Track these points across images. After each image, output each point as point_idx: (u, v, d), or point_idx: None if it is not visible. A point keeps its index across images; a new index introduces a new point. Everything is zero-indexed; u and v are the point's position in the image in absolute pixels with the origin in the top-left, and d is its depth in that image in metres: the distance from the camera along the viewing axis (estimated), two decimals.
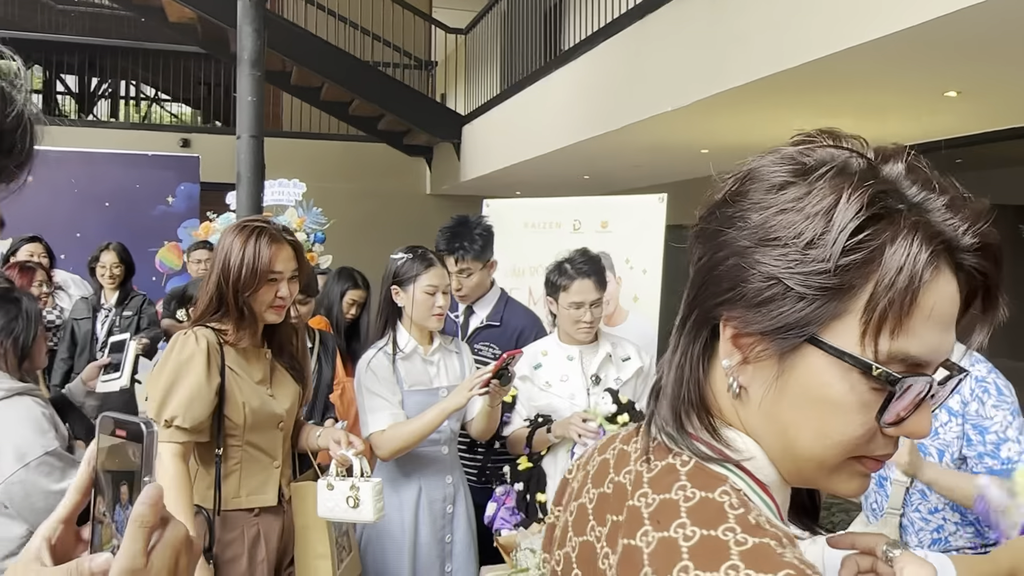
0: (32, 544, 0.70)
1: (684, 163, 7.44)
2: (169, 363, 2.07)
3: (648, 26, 5.40)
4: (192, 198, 7.28)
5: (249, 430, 2.14)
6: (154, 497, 0.65)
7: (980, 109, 4.89)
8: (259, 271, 2.09)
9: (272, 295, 2.13)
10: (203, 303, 2.14)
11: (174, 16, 8.37)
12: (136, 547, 0.64)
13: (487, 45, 9.59)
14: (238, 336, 2.14)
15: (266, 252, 2.11)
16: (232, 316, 2.12)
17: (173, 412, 2.02)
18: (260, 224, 2.16)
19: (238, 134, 4.51)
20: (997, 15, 3.09)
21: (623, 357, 2.83)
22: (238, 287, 2.09)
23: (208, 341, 2.09)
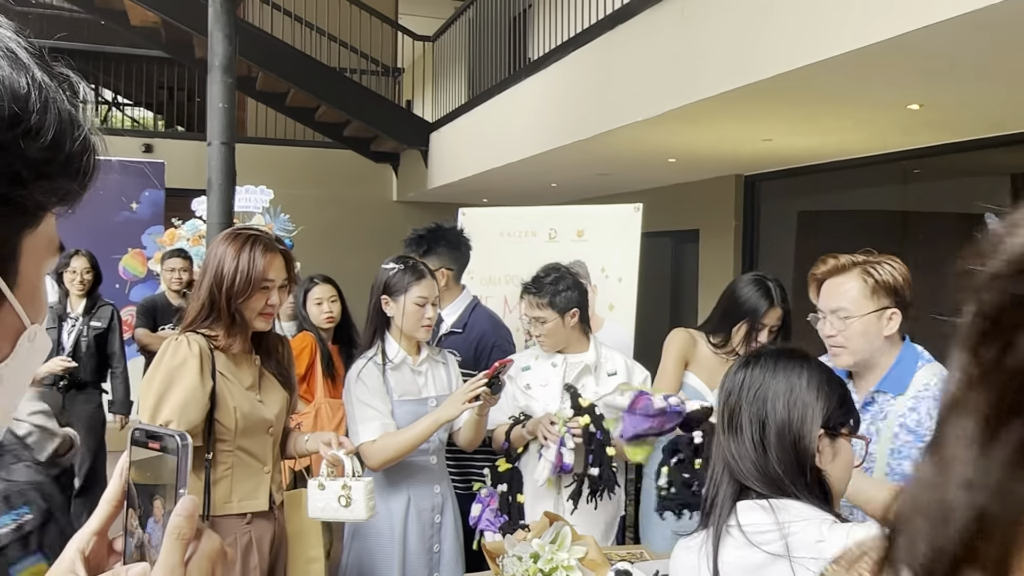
0: (66, 555, 0.70)
1: (652, 172, 7.52)
2: (161, 368, 2.09)
3: (617, 37, 5.46)
4: (157, 204, 7.18)
5: (240, 435, 2.17)
6: (190, 509, 0.66)
7: (941, 122, 5.02)
8: (253, 279, 2.13)
9: (263, 303, 2.17)
10: (194, 309, 2.18)
11: (137, 20, 8.26)
12: (174, 559, 0.65)
13: (454, 52, 9.60)
14: (228, 342, 2.17)
15: (260, 261, 2.14)
16: (223, 322, 2.15)
17: (168, 416, 2.04)
18: (254, 233, 2.21)
19: (209, 140, 4.48)
20: (957, 33, 3.19)
21: (610, 371, 2.85)
22: (231, 294, 2.13)
23: (200, 346, 2.11)
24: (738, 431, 1.43)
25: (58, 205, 0.57)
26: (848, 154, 6.31)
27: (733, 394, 1.47)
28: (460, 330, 3.11)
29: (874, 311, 2.06)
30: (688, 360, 3.01)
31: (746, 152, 6.35)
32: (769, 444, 1.41)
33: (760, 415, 1.42)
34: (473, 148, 8.18)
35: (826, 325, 2.09)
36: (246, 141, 9.57)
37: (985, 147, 5.37)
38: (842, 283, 2.09)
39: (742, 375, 1.48)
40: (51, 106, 0.54)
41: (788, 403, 1.42)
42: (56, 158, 0.54)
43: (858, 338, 2.06)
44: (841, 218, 7.21)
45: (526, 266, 3.76)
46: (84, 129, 0.56)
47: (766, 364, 1.47)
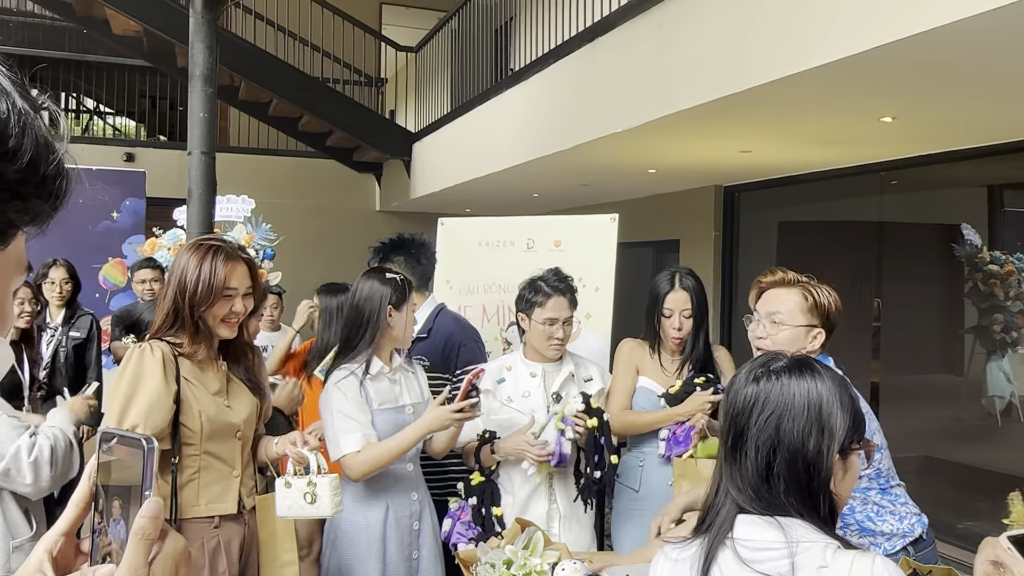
0: (34, 556, 0.72)
1: (632, 182, 7.57)
2: (126, 374, 2.13)
3: (598, 49, 5.50)
4: (137, 214, 7.16)
5: (207, 439, 2.20)
6: (155, 511, 0.67)
7: (914, 134, 5.09)
8: (215, 287, 2.17)
9: (226, 310, 2.22)
10: (159, 318, 2.23)
11: (119, 28, 8.25)
12: (138, 559, 0.66)
13: (437, 63, 9.64)
14: (192, 348, 2.22)
15: (221, 270, 2.19)
16: (187, 330, 2.21)
17: (134, 420, 2.08)
18: (216, 243, 2.26)
19: (189, 150, 4.48)
20: (929, 46, 3.25)
21: (585, 378, 2.91)
22: (194, 302, 2.17)
23: (163, 352, 2.16)
24: (743, 456, 1.32)
25: (29, 225, 0.60)
26: (826, 165, 6.39)
27: (740, 416, 1.34)
28: (425, 335, 3.15)
29: (804, 326, 2.29)
30: (639, 366, 3.09)
31: (725, 163, 6.41)
32: (779, 472, 1.30)
33: (771, 442, 1.31)
34: (456, 158, 8.21)
35: (758, 327, 2.31)
36: (228, 151, 9.56)
37: (961, 159, 5.44)
38: (783, 294, 2.32)
39: (749, 393, 1.35)
40: (28, 131, 0.56)
41: (804, 432, 1.30)
42: (31, 180, 0.57)
43: (784, 345, 2.24)
44: (820, 228, 7.29)
45: (504, 275, 3.80)
46: (59, 154, 0.59)
47: (776, 383, 1.34)
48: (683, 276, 3.09)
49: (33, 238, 0.62)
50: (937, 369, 6.10)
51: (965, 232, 5.70)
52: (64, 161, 0.60)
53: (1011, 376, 5.52)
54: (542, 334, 2.81)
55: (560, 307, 2.81)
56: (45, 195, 0.59)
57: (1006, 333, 5.53)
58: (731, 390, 1.39)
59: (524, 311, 2.87)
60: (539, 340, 2.83)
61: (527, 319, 2.85)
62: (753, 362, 1.42)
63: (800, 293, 2.30)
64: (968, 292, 5.69)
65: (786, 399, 1.32)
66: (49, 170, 0.58)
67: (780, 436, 1.30)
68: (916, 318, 6.28)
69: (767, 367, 1.38)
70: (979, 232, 5.65)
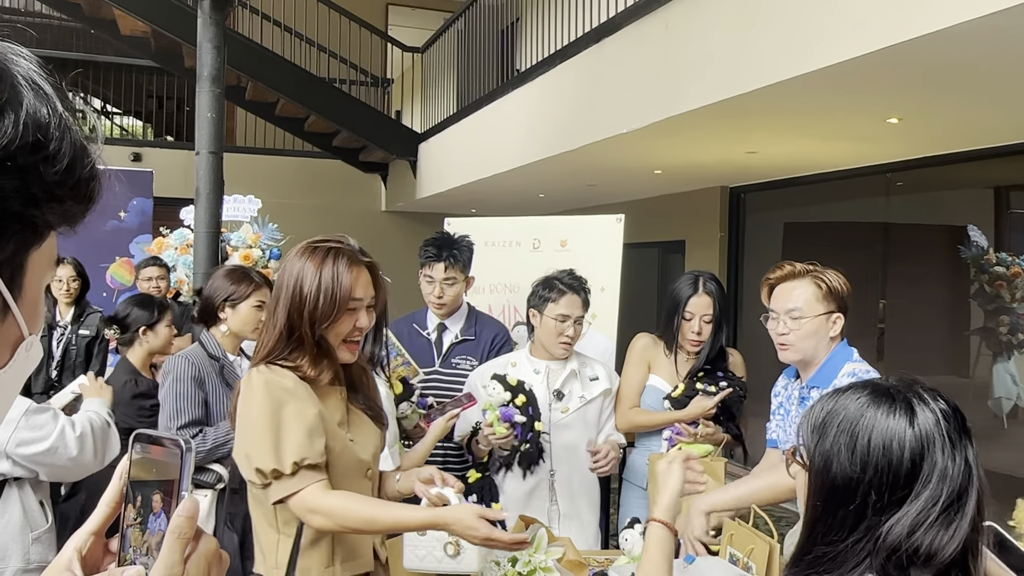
0: (63, 555, 0.73)
1: (638, 183, 7.58)
2: (259, 404, 1.76)
3: (604, 50, 5.51)
4: (145, 213, 7.18)
5: (335, 481, 1.80)
6: (191, 510, 0.69)
7: (920, 135, 5.09)
8: (339, 299, 1.79)
9: (350, 327, 1.84)
10: (271, 338, 1.83)
11: (126, 29, 8.28)
12: (174, 557, 0.67)
13: (443, 64, 9.66)
14: (315, 372, 1.83)
15: (346, 277, 1.81)
16: (307, 351, 1.82)
17: (297, 454, 1.73)
18: (334, 244, 1.86)
19: (197, 150, 4.50)
20: (934, 48, 3.25)
21: (591, 376, 2.92)
22: (314, 318, 1.79)
23: (292, 376, 1.81)
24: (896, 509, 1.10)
25: (63, 224, 0.62)
26: (832, 166, 6.38)
27: (888, 465, 1.11)
28: (472, 337, 3.16)
29: (823, 313, 2.30)
30: (650, 363, 3.11)
31: (731, 164, 6.42)
32: None
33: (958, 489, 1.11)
34: (461, 159, 8.22)
35: (779, 324, 2.32)
36: (235, 150, 9.58)
37: (967, 160, 5.43)
38: (796, 287, 2.32)
39: (897, 440, 1.12)
40: (68, 135, 0.58)
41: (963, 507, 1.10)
42: (68, 182, 0.59)
43: (808, 337, 2.29)
44: (826, 230, 7.29)
45: (510, 275, 3.81)
46: (93, 157, 0.61)
47: (927, 422, 1.13)
48: (706, 281, 3.09)
49: (63, 235, 0.64)
50: (943, 371, 6.09)
51: (971, 234, 5.70)
52: (97, 164, 0.62)
53: (1017, 378, 5.51)
54: (553, 330, 2.82)
55: (573, 305, 2.82)
56: (80, 197, 0.61)
57: (1012, 335, 5.53)
58: (872, 434, 1.14)
59: (536, 307, 2.87)
60: (549, 336, 2.84)
61: (538, 315, 2.86)
62: (879, 396, 1.18)
63: (812, 282, 2.31)
64: (974, 294, 5.68)
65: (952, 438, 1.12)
66: (84, 173, 0.60)
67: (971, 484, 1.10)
68: (921, 320, 6.28)
69: (917, 391, 1.17)
70: (985, 234, 5.64)
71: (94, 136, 0.62)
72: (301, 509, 1.74)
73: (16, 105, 0.56)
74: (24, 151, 0.55)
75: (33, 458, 2.42)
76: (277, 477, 1.72)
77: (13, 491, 2.52)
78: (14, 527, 2.50)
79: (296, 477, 1.72)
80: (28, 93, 0.57)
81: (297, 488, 1.72)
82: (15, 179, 0.55)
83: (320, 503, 1.73)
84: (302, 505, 1.73)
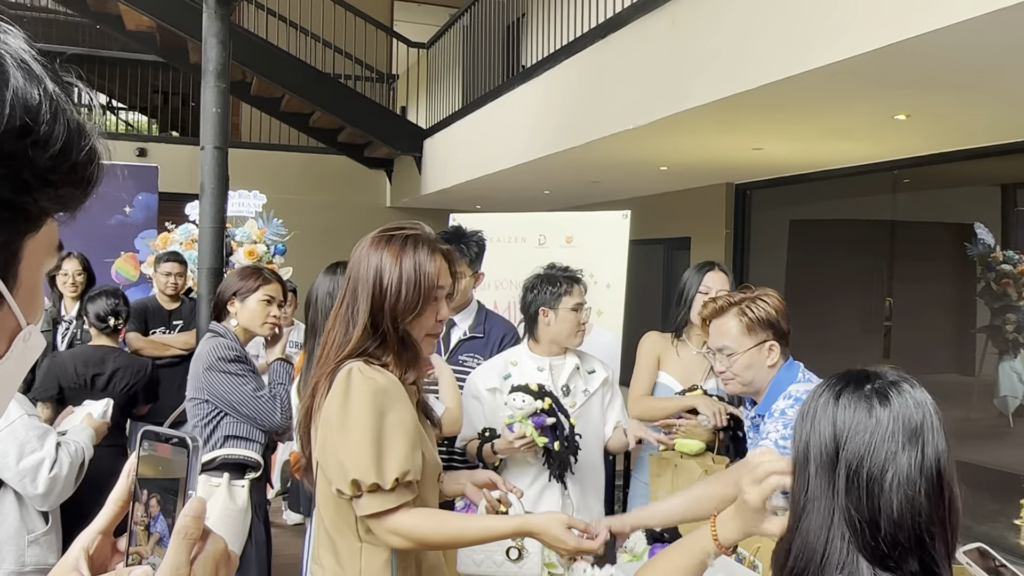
0: (70, 554, 0.72)
1: (643, 180, 7.56)
2: (360, 406, 1.63)
3: (609, 46, 5.50)
4: (150, 208, 7.19)
5: (423, 485, 1.72)
6: (198, 510, 0.67)
7: (928, 132, 5.07)
8: (424, 289, 1.69)
9: (433, 318, 1.74)
10: (355, 335, 1.70)
11: (132, 24, 8.29)
12: (181, 558, 0.66)
13: (449, 60, 9.64)
14: (401, 371, 1.72)
15: (429, 265, 1.70)
16: (391, 348, 1.71)
17: (401, 467, 1.61)
18: (411, 232, 1.75)
19: (202, 145, 4.49)
20: (943, 45, 3.23)
21: (589, 370, 2.92)
22: (397, 311, 1.68)
23: (388, 374, 1.69)
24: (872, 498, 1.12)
25: (60, 211, 0.59)
26: (838, 163, 6.36)
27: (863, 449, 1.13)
28: (480, 335, 3.12)
29: (753, 346, 2.29)
30: (661, 360, 3.11)
31: (737, 161, 6.40)
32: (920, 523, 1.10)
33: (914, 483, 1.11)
34: (466, 155, 8.21)
35: (717, 362, 2.36)
36: (240, 146, 9.61)
37: (975, 157, 5.41)
38: (723, 323, 2.33)
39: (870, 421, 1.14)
40: (60, 117, 0.55)
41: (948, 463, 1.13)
42: (62, 167, 0.56)
43: (745, 371, 2.30)
44: (832, 227, 7.26)
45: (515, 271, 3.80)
46: (91, 139, 0.58)
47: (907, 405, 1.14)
48: (720, 264, 3.22)
49: (64, 223, 0.61)
50: (949, 369, 6.07)
51: (978, 231, 5.67)
52: (96, 147, 0.58)
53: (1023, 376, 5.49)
54: (573, 321, 2.82)
55: (582, 293, 2.86)
56: (76, 182, 0.58)
57: (1018, 333, 5.51)
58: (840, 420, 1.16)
59: (547, 304, 2.82)
60: (568, 328, 2.83)
61: (551, 312, 2.82)
62: (847, 379, 1.20)
63: (736, 316, 2.30)
64: (980, 292, 5.66)
65: (937, 424, 1.13)
66: (81, 156, 0.57)
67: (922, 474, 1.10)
68: (928, 317, 6.26)
69: (873, 384, 1.17)
70: (992, 231, 5.62)
71: (91, 114, 0.59)
72: (384, 528, 1.62)
73: (1, 87, 0.53)
74: (11, 135, 0.52)
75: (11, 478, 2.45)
76: (374, 491, 1.60)
77: (8, 493, 2.52)
78: (9, 529, 2.50)
79: (395, 493, 1.61)
80: (16, 74, 0.54)
81: (393, 505, 1.61)
82: (3, 166, 0.53)
83: (405, 522, 1.62)
84: (389, 524, 1.62)
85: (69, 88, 0.58)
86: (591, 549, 1.70)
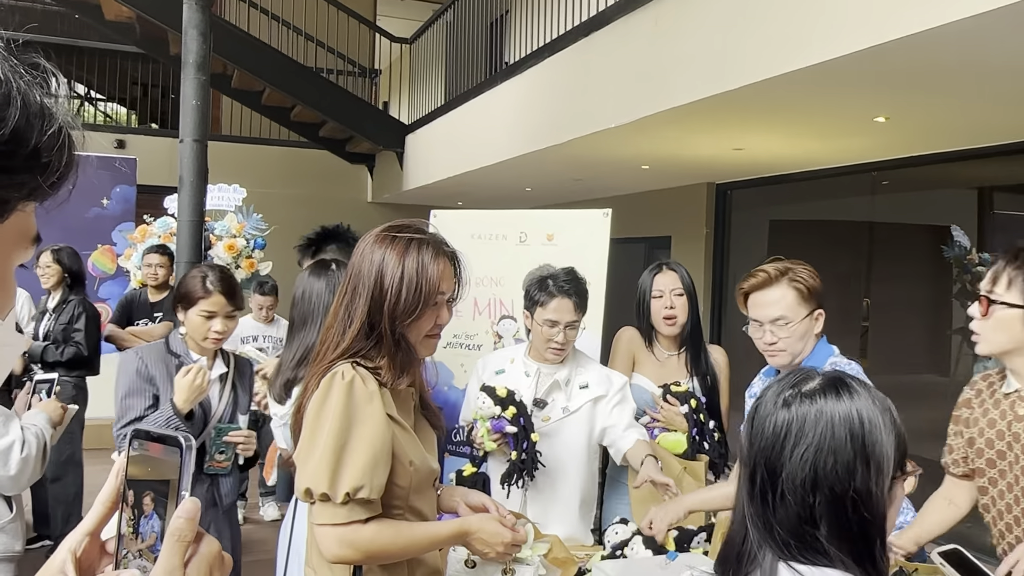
0: (57, 556, 0.69)
1: (625, 178, 7.58)
2: (333, 414, 1.60)
3: (592, 44, 5.50)
4: (128, 201, 7.12)
5: (413, 493, 1.70)
6: (191, 512, 0.65)
7: (906, 134, 5.11)
8: (424, 293, 1.65)
9: (432, 323, 1.70)
10: (349, 335, 1.67)
11: (111, 14, 8.19)
12: (174, 561, 0.64)
13: (431, 55, 9.62)
14: (394, 376, 1.68)
15: (432, 269, 1.66)
16: (386, 351, 1.67)
17: (357, 482, 1.56)
18: (416, 233, 1.71)
19: (181, 138, 4.45)
20: (922, 48, 3.26)
21: (581, 384, 2.76)
22: (395, 313, 1.65)
23: (374, 383, 1.64)
24: (775, 497, 1.13)
25: (25, 200, 0.55)
26: (818, 164, 6.40)
27: (770, 449, 1.15)
28: None
29: (807, 316, 2.29)
30: (636, 360, 3.09)
31: (718, 160, 6.43)
32: (820, 515, 1.11)
33: (810, 482, 1.11)
34: (449, 151, 8.20)
35: (765, 333, 2.28)
36: (220, 139, 9.53)
37: (952, 160, 5.47)
38: (776, 293, 2.29)
39: (780, 421, 1.15)
40: (14, 100, 0.51)
41: (849, 469, 1.11)
42: (18, 151, 0.52)
43: (798, 341, 2.28)
44: (811, 228, 7.32)
45: (496, 268, 3.80)
46: (56, 123, 0.54)
47: (810, 408, 1.14)
48: (670, 262, 3.14)
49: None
50: (924, 370, 6.13)
51: (954, 233, 5.73)
52: (65, 132, 0.54)
53: None
54: (541, 336, 2.67)
55: (563, 310, 2.62)
56: (38, 168, 0.53)
57: None
58: (757, 417, 1.19)
59: (528, 308, 2.72)
60: (539, 342, 2.70)
61: (530, 317, 2.71)
62: (780, 382, 1.21)
63: (792, 287, 2.28)
64: (956, 293, 5.71)
65: (823, 429, 1.12)
66: (43, 141, 0.52)
67: (820, 474, 1.11)
68: (904, 318, 6.31)
69: (798, 388, 1.17)
70: (968, 234, 5.68)
71: (58, 96, 0.54)
72: (331, 540, 1.58)
73: None
74: None
75: None
76: (324, 501, 1.58)
77: None
78: None
79: (346, 508, 1.57)
80: None
81: (343, 520, 1.57)
82: None
83: (355, 537, 1.58)
84: (336, 538, 1.58)
85: (34, 73, 0.54)
86: (523, 539, 1.76)
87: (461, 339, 3.89)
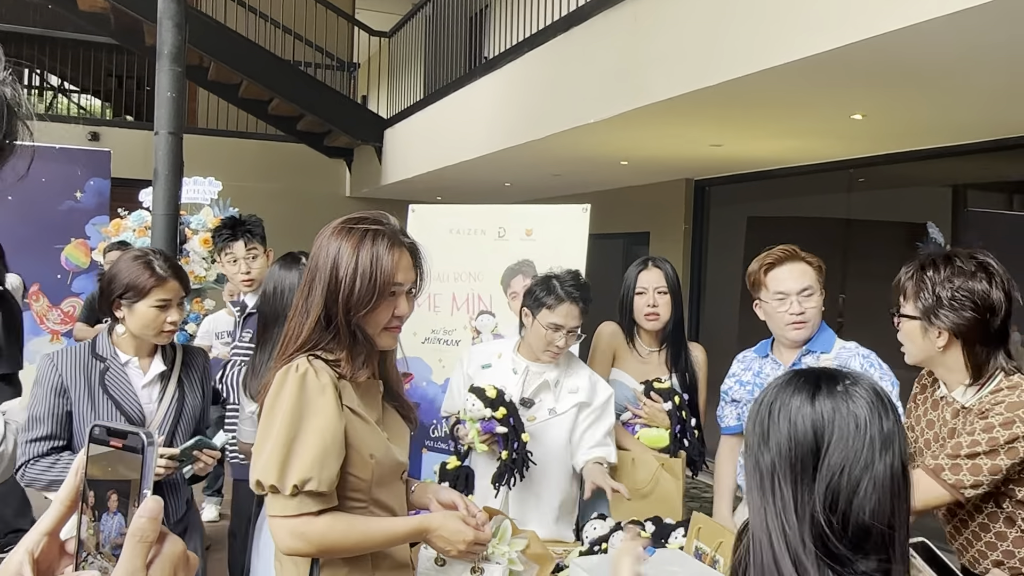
0: (14, 557, 0.67)
1: (604, 174, 7.58)
2: (285, 407, 1.60)
3: (571, 39, 5.50)
4: (102, 194, 7.01)
5: (376, 486, 1.70)
6: (154, 511, 0.64)
7: (882, 132, 5.15)
8: (378, 284, 1.65)
9: (389, 315, 1.70)
10: (306, 327, 1.68)
11: (85, 4, 8.09)
12: (135, 563, 0.63)
13: (411, 49, 9.57)
14: (352, 367, 1.68)
15: (386, 260, 1.66)
16: (343, 343, 1.67)
17: (304, 474, 1.57)
18: (373, 225, 1.70)
19: (156, 130, 4.40)
20: (900, 45, 3.28)
21: (571, 388, 2.74)
22: (350, 305, 1.65)
23: (329, 375, 1.64)
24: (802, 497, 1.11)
25: None
26: (795, 161, 6.44)
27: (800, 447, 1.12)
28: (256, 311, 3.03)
29: (822, 288, 2.51)
30: (616, 355, 3.10)
31: (696, 157, 6.45)
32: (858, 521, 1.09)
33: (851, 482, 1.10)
34: (427, 145, 8.17)
35: (792, 304, 2.44)
36: (196, 132, 9.44)
37: (928, 158, 5.52)
38: (800, 266, 2.48)
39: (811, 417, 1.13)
40: None
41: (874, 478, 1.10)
42: None
43: (817, 313, 2.47)
44: (788, 224, 7.36)
45: (474, 263, 3.79)
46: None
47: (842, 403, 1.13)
48: (656, 259, 3.17)
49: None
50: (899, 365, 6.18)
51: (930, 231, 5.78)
52: (4, 106, 0.50)
53: None
54: (542, 338, 2.62)
55: (570, 315, 2.61)
56: None
57: None
58: (780, 415, 1.16)
59: (530, 308, 2.67)
60: (537, 342, 2.66)
61: (531, 317, 2.66)
62: (796, 379, 1.19)
63: (806, 263, 2.48)
64: None
65: (850, 424, 1.11)
66: None
67: (861, 473, 1.09)
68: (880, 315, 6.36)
69: (818, 383, 1.16)
70: (943, 231, 5.73)
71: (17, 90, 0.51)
72: (283, 532, 1.59)
73: None
74: None
75: None
76: (274, 493, 1.59)
77: None
78: None
79: (295, 500, 1.58)
80: None
81: (292, 512, 1.58)
82: None
83: (306, 529, 1.59)
84: (288, 529, 1.59)
85: None
86: (487, 538, 1.79)
87: (439, 334, 3.88)
